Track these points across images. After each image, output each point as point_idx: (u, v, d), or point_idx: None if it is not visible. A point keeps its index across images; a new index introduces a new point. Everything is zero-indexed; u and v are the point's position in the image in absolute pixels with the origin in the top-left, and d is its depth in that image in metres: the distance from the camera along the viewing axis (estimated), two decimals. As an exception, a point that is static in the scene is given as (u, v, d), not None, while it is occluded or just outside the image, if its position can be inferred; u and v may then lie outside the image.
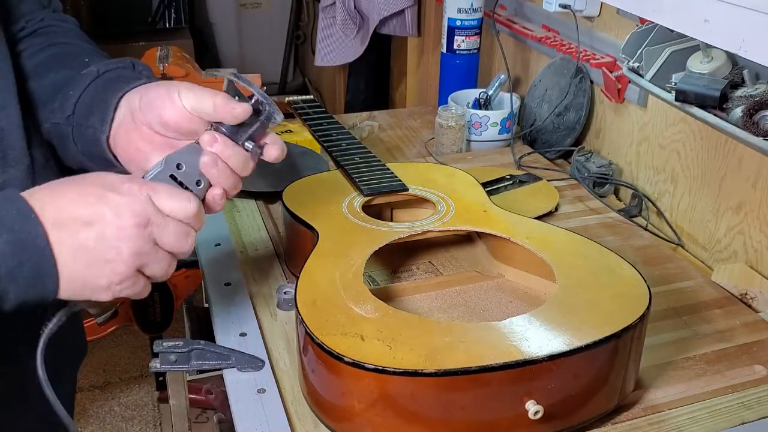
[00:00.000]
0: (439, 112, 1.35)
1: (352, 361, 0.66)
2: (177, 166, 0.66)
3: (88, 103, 0.74)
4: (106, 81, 0.75)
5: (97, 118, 0.73)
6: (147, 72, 0.79)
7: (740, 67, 0.96)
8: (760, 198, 0.99)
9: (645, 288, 0.77)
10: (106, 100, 0.73)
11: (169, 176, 0.66)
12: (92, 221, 0.59)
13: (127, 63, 0.78)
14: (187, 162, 0.66)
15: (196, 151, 0.67)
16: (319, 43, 2.10)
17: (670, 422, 0.76)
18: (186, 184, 0.66)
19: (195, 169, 0.67)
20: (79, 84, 0.75)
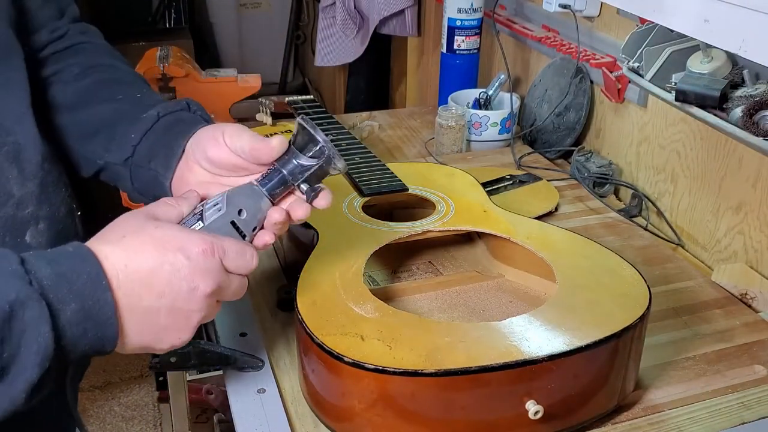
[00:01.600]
0: (439, 112, 1.35)
1: (352, 361, 0.66)
2: (239, 212, 0.65)
3: (150, 147, 0.75)
4: (168, 126, 0.76)
5: (160, 163, 0.74)
6: (201, 112, 0.79)
7: (740, 67, 0.96)
8: (760, 198, 0.99)
9: (645, 288, 0.77)
10: (170, 147, 0.74)
11: (230, 222, 0.65)
12: (164, 293, 0.59)
13: (183, 104, 0.79)
14: (249, 208, 0.66)
15: (257, 196, 0.67)
16: (319, 43, 2.10)
17: (670, 422, 0.76)
18: (244, 232, 0.66)
19: (255, 216, 0.66)
20: (139, 127, 0.76)
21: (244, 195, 0.66)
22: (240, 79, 1.38)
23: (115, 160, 0.77)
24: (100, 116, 0.79)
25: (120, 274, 0.58)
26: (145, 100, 0.79)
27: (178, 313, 0.60)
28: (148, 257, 0.59)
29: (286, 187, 0.68)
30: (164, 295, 0.59)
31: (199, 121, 0.77)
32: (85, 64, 0.83)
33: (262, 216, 0.67)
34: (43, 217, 0.71)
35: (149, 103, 0.79)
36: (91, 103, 0.80)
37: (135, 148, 0.76)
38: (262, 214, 0.67)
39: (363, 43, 2.04)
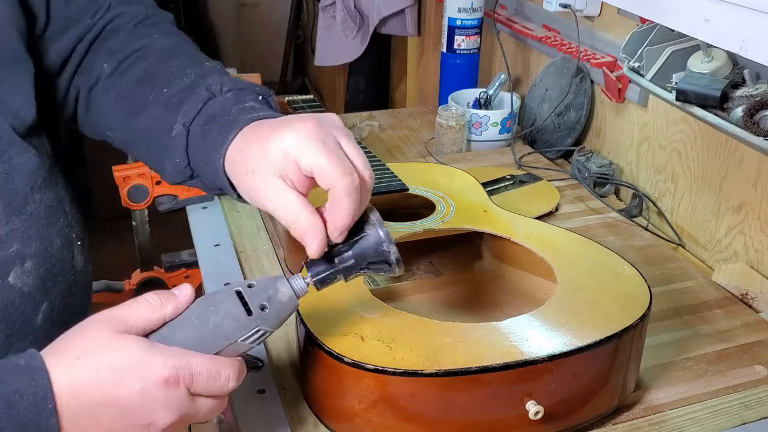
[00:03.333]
0: (440, 112, 1.35)
1: (352, 361, 0.66)
2: (249, 285, 0.60)
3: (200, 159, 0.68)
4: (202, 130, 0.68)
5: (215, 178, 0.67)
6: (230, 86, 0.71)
7: (741, 66, 0.96)
8: (760, 198, 0.99)
9: (646, 288, 0.77)
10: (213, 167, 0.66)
11: (235, 291, 0.59)
12: (115, 428, 0.54)
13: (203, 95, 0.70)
14: (260, 283, 0.60)
15: (277, 279, 0.61)
16: (319, 43, 2.10)
17: (670, 423, 0.76)
18: (250, 305, 0.59)
19: (265, 293, 0.60)
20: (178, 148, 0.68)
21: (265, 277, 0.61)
22: (240, 78, 1.38)
23: (180, 180, 0.71)
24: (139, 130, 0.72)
25: (65, 405, 0.52)
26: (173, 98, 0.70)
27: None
28: (97, 390, 0.53)
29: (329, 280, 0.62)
30: (113, 431, 0.54)
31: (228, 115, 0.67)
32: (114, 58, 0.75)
33: (276, 297, 0.60)
34: (31, 255, 0.65)
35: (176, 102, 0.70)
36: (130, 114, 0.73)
37: (189, 166, 0.69)
38: (277, 294, 0.60)
39: (363, 42, 2.04)
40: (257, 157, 0.61)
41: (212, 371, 0.56)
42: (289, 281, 0.61)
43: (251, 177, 0.62)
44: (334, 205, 0.60)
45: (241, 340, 0.59)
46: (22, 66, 0.69)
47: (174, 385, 0.54)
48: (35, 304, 0.66)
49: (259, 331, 0.59)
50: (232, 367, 0.58)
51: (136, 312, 0.57)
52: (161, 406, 0.54)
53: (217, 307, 0.59)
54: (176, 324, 0.58)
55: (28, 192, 0.66)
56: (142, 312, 0.57)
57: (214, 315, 0.58)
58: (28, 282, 0.65)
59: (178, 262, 1.38)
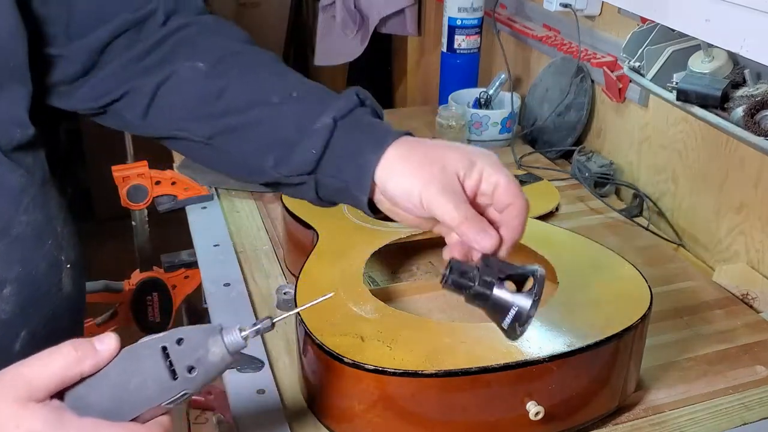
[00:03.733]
0: (440, 112, 1.35)
1: (352, 361, 0.66)
2: (178, 340, 0.53)
3: (336, 161, 0.64)
4: (348, 132, 0.64)
5: (350, 176, 0.64)
6: (371, 103, 0.69)
7: (741, 66, 0.96)
8: (761, 198, 0.99)
9: (646, 288, 0.77)
10: (359, 166, 0.63)
11: (161, 347, 0.53)
12: None
13: (354, 99, 0.67)
14: (190, 340, 0.53)
15: (209, 334, 0.54)
16: (319, 42, 2.10)
17: (671, 423, 0.75)
18: (176, 367, 0.53)
19: (194, 353, 0.53)
20: (315, 141, 0.64)
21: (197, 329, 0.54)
22: (240, 78, 1.38)
23: (293, 173, 0.65)
24: (256, 127, 0.66)
25: None
26: (309, 96, 0.67)
27: None
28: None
29: None
30: None
31: (379, 129, 0.65)
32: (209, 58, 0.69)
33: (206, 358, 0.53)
34: (11, 280, 0.61)
35: (317, 99, 0.66)
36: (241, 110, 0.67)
37: (318, 162, 0.64)
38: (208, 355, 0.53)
39: (363, 42, 2.04)
40: (431, 169, 0.61)
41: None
42: (223, 337, 0.54)
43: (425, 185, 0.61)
44: (509, 221, 0.63)
45: (165, 404, 0.53)
46: (17, 84, 0.64)
47: None
48: (14, 332, 0.63)
49: (184, 395, 0.54)
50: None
51: (48, 370, 0.51)
52: None
53: (139, 365, 0.53)
54: (94, 382, 0.53)
55: (13, 213, 0.62)
56: (56, 369, 0.51)
57: (135, 376, 0.53)
58: (6, 309, 0.61)
59: (178, 263, 1.38)
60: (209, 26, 0.73)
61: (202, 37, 0.71)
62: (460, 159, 0.62)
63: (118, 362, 0.53)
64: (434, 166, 0.61)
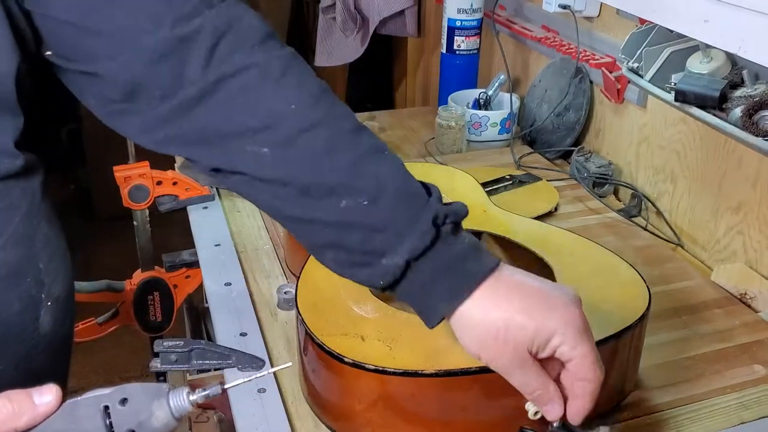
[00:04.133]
0: (439, 112, 1.35)
1: (353, 361, 0.66)
2: (122, 400, 0.51)
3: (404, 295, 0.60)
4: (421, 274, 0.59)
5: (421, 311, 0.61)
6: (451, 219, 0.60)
7: (740, 67, 0.96)
8: (759, 198, 0.99)
9: (644, 288, 0.77)
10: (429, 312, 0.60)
11: (103, 407, 0.50)
12: None
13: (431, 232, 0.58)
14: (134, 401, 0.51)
15: (155, 396, 0.52)
16: (319, 43, 2.10)
17: (669, 422, 0.76)
18: (114, 429, 0.50)
19: (136, 417, 0.51)
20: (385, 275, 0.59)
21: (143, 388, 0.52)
22: (240, 79, 1.38)
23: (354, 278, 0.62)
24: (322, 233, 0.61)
25: None
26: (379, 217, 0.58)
27: None
28: None
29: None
30: None
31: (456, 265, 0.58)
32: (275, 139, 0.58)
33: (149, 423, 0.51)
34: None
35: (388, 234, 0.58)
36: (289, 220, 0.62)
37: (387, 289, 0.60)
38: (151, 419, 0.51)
39: (363, 43, 2.04)
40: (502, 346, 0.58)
41: None
42: (170, 400, 0.51)
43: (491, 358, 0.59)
44: (580, 393, 0.60)
45: None
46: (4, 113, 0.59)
47: None
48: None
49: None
50: None
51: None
52: None
53: (78, 426, 0.50)
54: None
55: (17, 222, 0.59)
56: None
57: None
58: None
59: (179, 262, 1.38)
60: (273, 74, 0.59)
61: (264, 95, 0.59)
62: (534, 333, 0.57)
63: (57, 421, 0.50)
64: (507, 344, 0.58)
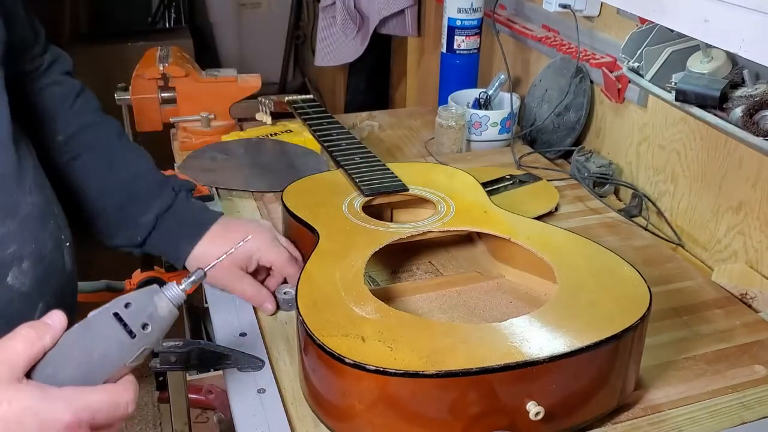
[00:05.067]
0: (439, 112, 1.35)
1: (353, 362, 0.66)
2: (126, 305, 0.59)
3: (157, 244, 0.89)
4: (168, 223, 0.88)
5: (170, 256, 0.90)
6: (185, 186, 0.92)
7: (740, 67, 0.96)
8: (760, 198, 0.99)
9: (645, 288, 0.77)
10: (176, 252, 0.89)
11: (113, 314, 0.58)
12: None
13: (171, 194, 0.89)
14: (137, 301, 0.59)
15: (153, 293, 0.61)
16: (319, 43, 2.10)
17: (670, 422, 0.76)
18: (131, 327, 0.58)
19: (144, 311, 0.59)
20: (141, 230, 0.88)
21: (138, 293, 0.60)
22: (240, 79, 1.38)
23: (127, 246, 0.89)
24: (97, 206, 0.86)
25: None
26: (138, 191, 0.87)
27: None
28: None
29: None
30: None
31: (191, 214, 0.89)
32: (67, 129, 0.85)
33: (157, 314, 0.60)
34: (27, 256, 0.67)
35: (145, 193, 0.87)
36: (85, 189, 0.85)
37: (144, 240, 0.88)
38: (157, 310, 0.60)
39: (363, 43, 2.05)
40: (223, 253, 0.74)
41: (111, 404, 0.56)
42: (165, 293, 0.61)
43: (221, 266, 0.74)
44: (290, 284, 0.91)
45: (129, 362, 0.58)
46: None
47: (76, 429, 0.53)
48: (33, 304, 0.68)
49: (145, 351, 0.59)
50: (128, 392, 0.58)
51: (14, 351, 0.55)
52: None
53: (97, 335, 0.57)
54: (59, 361, 0.56)
55: (20, 195, 0.68)
56: (20, 349, 0.55)
57: (96, 345, 0.57)
58: (25, 282, 0.67)
59: (179, 262, 1.39)
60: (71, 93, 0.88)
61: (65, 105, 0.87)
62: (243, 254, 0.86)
63: (76, 336, 0.57)
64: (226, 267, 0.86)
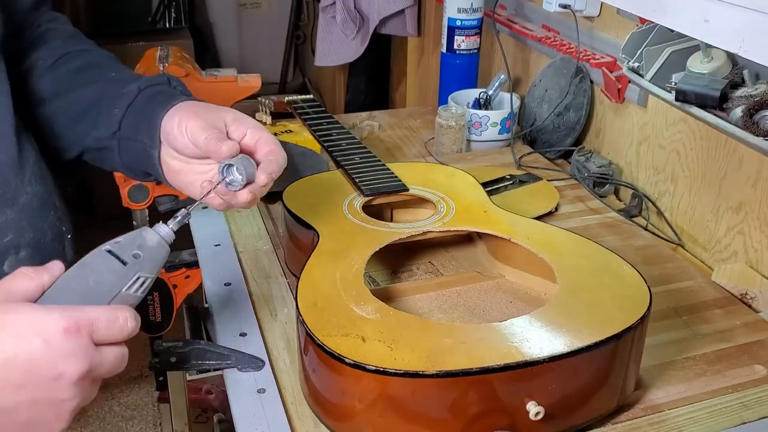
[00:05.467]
0: (439, 112, 1.35)
1: (353, 362, 0.66)
2: (116, 242, 0.62)
3: (135, 119, 0.77)
4: (149, 97, 0.77)
5: (145, 134, 0.76)
6: (182, 87, 0.81)
7: (740, 67, 0.96)
8: (760, 198, 0.99)
9: (645, 288, 0.77)
10: (151, 118, 0.75)
11: (105, 250, 0.61)
12: (23, 386, 0.53)
13: (164, 79, 0.80)
14: (127, 237, 0.63)
15: (141, 230, 0.64)
16: (319, 43, 2.10)
17: (670, 422, 0.76)
18: (122, 258, 0.61)
19: (134, 243, 0.62)
20: (122, 102, 0.77)
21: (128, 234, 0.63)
22: (240, 79, 1.38)
23: (103, 135, 0.78)
24: (82, 99, 0.79)
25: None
26: (122, 77, 0.81)
27: (44, 406, 0.54)
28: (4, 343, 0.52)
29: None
30: (23, 388, 0.53)
31: (177, 95, 0.78)
32: (55, 53, 0.82)
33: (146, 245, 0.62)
34: (25, 245, 0.68)
35: (128, 79, 0.80)
36: (71, 89, 0.79)
37: (120, 122, 0.77)
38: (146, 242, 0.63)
39: (363, 43, 2.04)
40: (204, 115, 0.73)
41: (109, 316, 0.57)
42: (153, 229, 0.64)
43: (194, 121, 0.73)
44: (273, 157, 0.76)
45: (125, 290, 0.61)
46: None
47: (75, 333, 0.54)
48: None
49: (139, 278, 0.61)
50: (126, 309, 0.59)
51: (15, 283, 0.57)
52: (67, 356, 0.53)
53: (92, 268, 0.60)
54: (56, 293, 0.59)
55: (19, 184, 0.69)
56: (20, 283, 0.57)
57: (91, 275, 0.60)
58: None
59: (179, 262, 1.38)
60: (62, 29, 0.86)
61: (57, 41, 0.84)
62: (232, 115, 0.76)
63: (71, 273, 0.60)
64: (208, 113, 0.74)
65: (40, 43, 0.83)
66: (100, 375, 0.57)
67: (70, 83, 0.80)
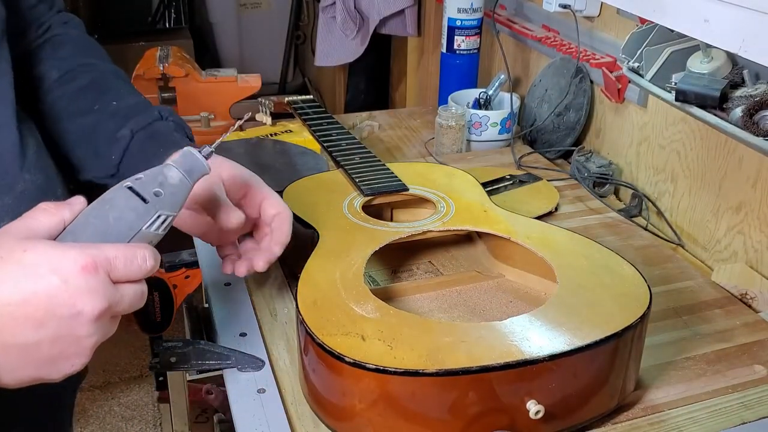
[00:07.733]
0: (439, 112, 1.35)
1: (353, 361, 0.66)
2: (137, 179, 0.62)
3: (133, 163, 0.78)
4: (142, 141, 0.79)
5: None
6: (173, 118, 0.83)
7: (740, 67, 0.96)
8: (760, 198, 0.99)
9: (645, 288, 0.77)
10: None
11: (126, 186, 0.61)
12: (44, 323, 0.53)
13: (155, 115, 0.81)
14: (148, 174, 0.62)
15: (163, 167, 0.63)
16: (319, 43, 2.10)
17: (670, 422, 0.76)
18: (143, 195, 0.60)
19: (155, 181, 0.61)
20: (117, 147, 0.79)
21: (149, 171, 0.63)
22: (240, 79, 1.38)
23: (101, 175, 0.80)
24: (78, 130, 0.80)
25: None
26: (120, 110, 0.81)
27: (65, 342, 0.54)
28: (16, 287, 0.52)
29: None
30: (44, 326, 0.53)
31: (171, 133, 0.80)
32: (62, 66, 0.82)
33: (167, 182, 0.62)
34: None
35: (124, 113, 0.80)
36: (71, 115, 0.80)
37: (118, 166, 0.79)
38: (167, 179, 0.62)
39: (363, 43, 2.05)
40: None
41: (127, 254, 0.57)
42: (174, 165, 0.63)
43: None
44: (279, 226, 0.80)
45: (146, 228, 0.60)
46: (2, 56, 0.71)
47: (93, 271, 0.54)
48: None
49: (160, 216, 0.61)
50: (145, 248, 0.58)
51: (35, 219, 0.57)
52: (85, 293, 0.54)
53: (112, 204, 0.60)
54: (77, 229, 0.59)
55: (17, 171, 0.69)
56: (41, 218, 0.57)
57: (112, 212, 0.59)
58: None
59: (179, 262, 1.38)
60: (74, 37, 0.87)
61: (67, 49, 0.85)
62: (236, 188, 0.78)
63: (92, 209, 0.60)
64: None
65: (49, 49, 0.83)
66: (119, 312, 0.57)
67: (69, 107, 0.81)
